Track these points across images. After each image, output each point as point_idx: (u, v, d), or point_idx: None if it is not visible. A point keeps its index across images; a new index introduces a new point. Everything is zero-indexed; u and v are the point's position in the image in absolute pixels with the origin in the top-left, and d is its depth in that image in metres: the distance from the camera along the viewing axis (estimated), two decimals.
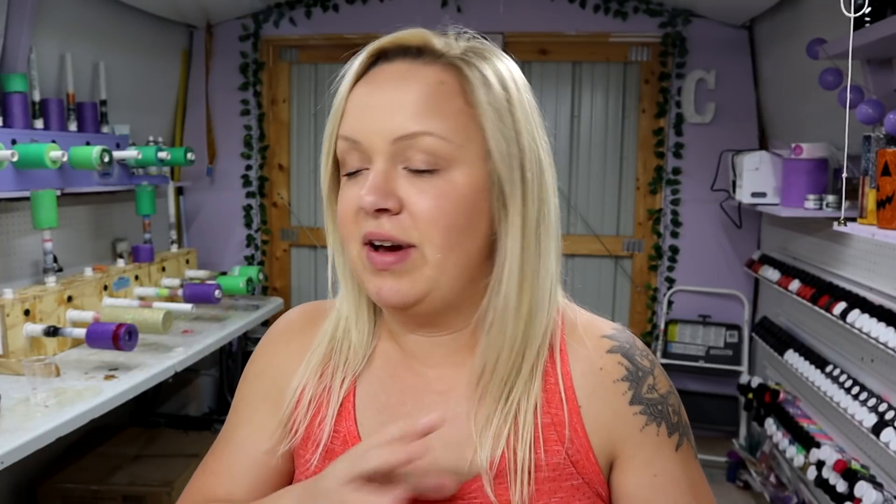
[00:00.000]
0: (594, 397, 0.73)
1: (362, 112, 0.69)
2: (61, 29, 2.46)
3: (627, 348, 0.75)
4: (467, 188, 0.68)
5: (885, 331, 1.84)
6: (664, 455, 0.74)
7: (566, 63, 3.27)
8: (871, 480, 1.89)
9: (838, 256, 2.31)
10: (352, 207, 0.69)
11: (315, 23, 3.32)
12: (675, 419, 0.75)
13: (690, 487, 0.74)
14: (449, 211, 0.67)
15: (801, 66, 2.39)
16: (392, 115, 0.67)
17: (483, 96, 0.69)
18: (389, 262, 0.68)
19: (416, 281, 0.68)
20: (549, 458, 0.71)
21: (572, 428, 0.72)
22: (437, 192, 0.67)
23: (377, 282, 0.69)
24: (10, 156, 1.93)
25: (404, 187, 0.67)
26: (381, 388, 0.77)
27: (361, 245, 0.69)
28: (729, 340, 3.13)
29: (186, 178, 3.42)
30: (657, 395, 0.74)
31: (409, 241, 0.67)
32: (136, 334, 1.98)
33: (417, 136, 0.67)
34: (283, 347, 0.83)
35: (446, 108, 0.68)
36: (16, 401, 1.72)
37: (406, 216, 0.67)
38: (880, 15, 1.61)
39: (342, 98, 0.71)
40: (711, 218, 3.21)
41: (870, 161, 1.71)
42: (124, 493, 2.29)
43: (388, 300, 0.69)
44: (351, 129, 0.70)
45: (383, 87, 0.69)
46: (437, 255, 0.67)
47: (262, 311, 2.87)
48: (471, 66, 0.70)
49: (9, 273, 2.27)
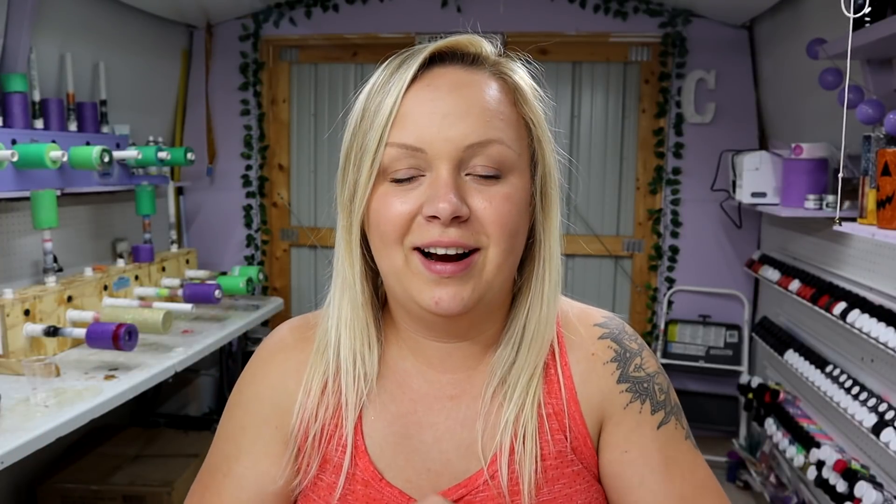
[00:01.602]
0: (588, 382, 0.75)
1: (427, 118, 0.67)
2: (61, 29, 2.45)
3: (617, 333, 0.78)
4: (523, 193, 0.70)
5: (885, 331, 1.84)
6: (641, 432, 0.74)
7: (566, 63, 3.27)
8: (871, 480, 1.89)
9: (838, 256, 2.31)
10: (405, 213, 0.67)
11: (315, 23, 3.32)
12: (662, 398, 0.76)
13: (664, 465, 0.73)
14: (513, 214, 0.68)
15: (801, 66, 2.39)
16: (463, 121, 0.67)
17: (532, 108, 0.72)
18: (454, 271, 0.67)
19: (476, 285, 0.68)
20: (553, 446, 0.73)
21: (571, 415, 0.74)
22: (502, 197, 0.68)
23: (437, 291, 0.67)
24: (10, 156, 1.93)
25: (471, 195, 0.67)
26: (389, 398, 0.76)
27: (410, 252, 0.68)
28: (729, 340, 3.13)
29: (186, 178, 3.42)
30: (644, 373, 0.76)
31: (477, 245, 0.68)
32: (136, 334, 1.98)
33: (489, 144, 0.67)
34: (279, 366, 0.79)
35: (509, 118, 0.70)
36: (16, 401, 1.72)
37: (474, 222, 0.67)
38: (880, 15, 1.61)
39: (393, 102, 0.67)
40: (711, 218, 3.21)
41: (870, 161, 1.71)
42: (124, 493, 2.29)
43: (450, 309, 0.68)
44: (413, 138, 0.67)
45: (447, 92, 0.68)
46: (500, 257, 0.68)
47: (262, 311, 2.87)
48: (517, 76, 0.72)
49: (9, 273, 2.27)
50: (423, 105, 0.67)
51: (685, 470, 0.74)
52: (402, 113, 0.67)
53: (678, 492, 0.73)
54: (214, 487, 0.78)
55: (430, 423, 0.75)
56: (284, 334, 0.82)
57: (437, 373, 0.76)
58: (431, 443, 0.74)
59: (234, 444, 0.78)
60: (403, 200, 0.67)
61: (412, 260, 0.68)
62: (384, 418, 0.75)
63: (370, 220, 0.70)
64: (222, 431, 0.80)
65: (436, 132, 0.66)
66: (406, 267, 0.68)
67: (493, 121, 0.68)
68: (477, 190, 0.67)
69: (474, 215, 0.67)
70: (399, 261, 0.68)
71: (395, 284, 0.71)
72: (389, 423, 0.75)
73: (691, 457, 0.75)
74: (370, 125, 0.68)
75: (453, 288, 0.67)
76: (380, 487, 0.73)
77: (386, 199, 0.68)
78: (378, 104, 0.68)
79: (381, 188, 0.69)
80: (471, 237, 0.67)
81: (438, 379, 0.76)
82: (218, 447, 0.80)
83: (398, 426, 0.75)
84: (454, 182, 0.66)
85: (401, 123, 0.67)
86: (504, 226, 0.67)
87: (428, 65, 0.69)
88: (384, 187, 0.69)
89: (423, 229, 0.67)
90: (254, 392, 0.79)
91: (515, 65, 0.73)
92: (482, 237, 0.67)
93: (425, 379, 0.76)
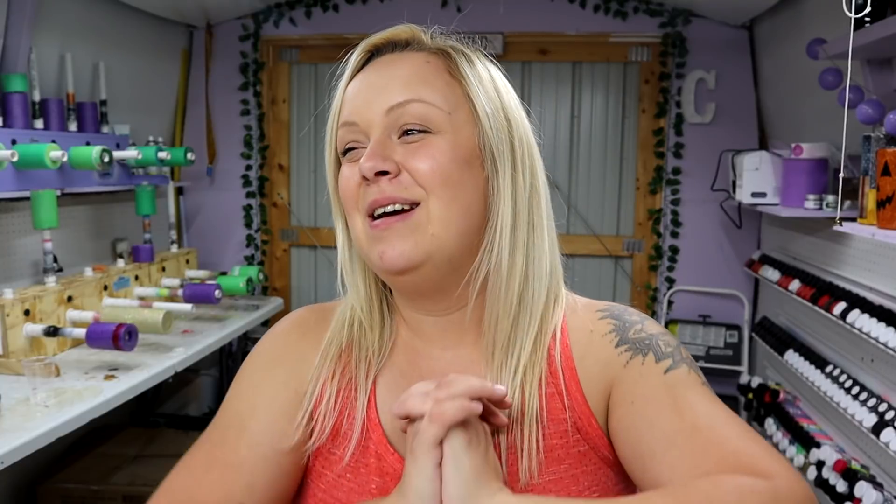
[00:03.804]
0: (587, 358, 0.75)
1: (357, 97, 0.75)
2: (61, 29, 2.45)
3: (618, 312, 0.79)
4: (459, 148, 0.72)
5: (885, 331, 1.84)
6: (645, 381, 0.70)
7: (566, 63, 3.27)
8: (871, 480, 1.89)
9: (838, 256, 2.31)
10: (353, 181, 0.73)
11: (315, 23, 3.32)
12: (668, 350, 0.72)
13: (673, 406, 0.67)
14: (444, 164, 0.71)
15: (801, 66, 2.39)
16: (383, 91, 0.73)
17: (467, 69, 0.75)
18: (389, 222, 0.70)
19: (420, 241, 0.70)
20: (555, 426, 0.73)
21: (572, 395, 0.73)
22: (430, 150, 0.71)
23: (381, 247, 0.71)
24: (10, 156, 1.93)
25: (400, 153, 0.71)
26: (401, 375, 0.78)
27: (365, 217, 0.72)
28: (729, 340, 3.13)
29: (186, 178, 3.42)
30: (644, 334, 0.75)
31: (413, 198, 0.70)
32: (136, 334, 1.98)
33: (407, 104, 0.72)
34: (299, 338, 0.82)
35: (433, 82, 0.74)
36: (16, 401, 1.72)
37: (405, 176, 0.71)
38: (880, 15, 1.61)
39: (339, 92, 0.77)
40: (711, 218, 3.21)
41: (870, 161, 1.71)
42: (124, 493, 2.29)
43: (393, 262, 0.70)
44: (348, 114, 0.75)
45: (375, 72, 0.76)
46: (441, 208, 0.70)
47: (262, 311, 2.87)
48: (456, 51, 0.77)
49: (9, 273, 2.27)
50: (357, 87, 0.76)
51: (696, 403, 0.67)
52: (345, 99, 0.76)
53: (689, 423, 0.65)
54: (228, 444, 0.76)
55: None
56: (303, 313, 0.86)
57: (438, 350, 0.79)
58: None
59: (249, 403, 0.78)
60: (350, 170, 0.74)
61: (366, 227, 0.72)
62: (396, 393, 0.75)
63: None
64: (233, 394, 0.80)
65: (364, 105, 0.73)
66: (364, 235, 0.73)
67: (412, 84, 0.73)
68: (404, 147, 0.72)
69: (406, 169, 0.71)
70: (360, 230, 0.74)
71: (363, 255, 0.76)
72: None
73: (708, 397, 0.69)
74: (329, 116, 0.78)
75: (394, 240, 0.70)
76: (392, 461, 0.74)
77: (342, 173, 0.75)
78: (333, 98, 0.78)
79: (343, 165, 0.76)
80: (405, 191, 0.70)
81: (442, 356, 0.78)
82: (228, 408, 0.79)
83: None
84: (379, 143, 0.71)
85: (344, 107, 0.76)
86: (433, 173, 0.70)
87: (371, 58, 0.78)
88: (343, 164, 0.76)
89: (365, 193, 0.72)
90: (272, 357, 0.82)
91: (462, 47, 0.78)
92: (417, 189, 0.70)
93: (431, 357, 0.79)
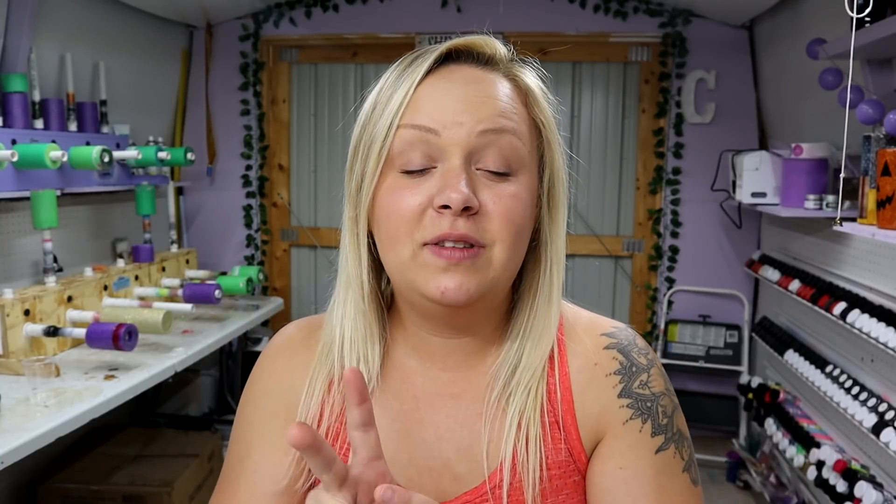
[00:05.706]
0: (587, 392, 0.73)
1: (439, 103, 0.66)
2: (61, 29, 2.45)
3: (625, 345, 0.75)
4: (530, 193, 0.70)
5: (885, 331, 1.84)
6: (638, 452, 0.71)
7: (566, 63, 3.27)
8: (871, 480, 1.89)
9: (838, 256, 2.31)
10: (412, 208, 0.66)
11: (315, 23, 3.32)
12: (665, 421, 0.72)
13: (657, 493, 0.69)
14: (519, 213, 0.68)
15: (801, 66, 2.39)
16: (479, 108, 0.66)
17: (548, 110, 0.72)
18: (462, 257, 0.65)
19: (482, 280, 0.67)
20: (556, 455, 0.72)
21: (568, 427, 0.72)
22: (510, 195, 0.67)
23: (443, 280, 0.66)
24: (10, 156, 1.93)
25: (484, 192, 0.66)
26: (393, 396, 0.76)
27: (420, 246, 0.66)
28: (729, 340, 3.13)
29: (186, 178, 3.42)
30: (649, 391, 0.73)
31: (483, 241, 0.66)
32: (136, 334, 1.98)
33: (502, 132, 0.67)
34: (286, 362, 0.79)
35: (521, 114, 0.70)
36: (16, 401, 1.72)
37: (482, 217, 0.66)
38: (880, 15, 1.61)
39: (407, 90, 0.67)
40: (711, 218, 3.21)
41: (870, 161, 1.71)
42: (124, 493, 2.29)
43: (455, 298, 0.66)
44: (426, 119, 0.66)
45: (462, 84, 0.68)
46: (505, 256, 0.67)
47: (262, 311, 2.87)
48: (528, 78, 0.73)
49: (9, 273, 2.27)
50: (437, 92, 0.67)
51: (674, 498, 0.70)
52: (415, 99, 0.67)
53: None
54: (230, 490, 0.77)
55: (432, 422, 0.74)
56: (292, 332, 0.82)
57: (438, 370, 0.76)
58: (432, 441, 0.74)
59: (245, 443, 0.78)
60: (414, 193, 0.66)
61: (420, 255, 0.66)
62: (388, 415, 0.75)
63: (378, 213, 0.69)
64: (234, 436, 0.80)
65: (450, 115, 0.66)
66: (412, 261, 0.67)
67: (507, 112, 0.68)
68: (487, 185, 0.66)
69: (483, 210, 0.66)
70: (406, 255, 0.67)
71: (400, 278, 0.70)
72: (393, 419, 0.75)
73: (686, 493, 0.71)
74: (381, 114, 0.68)
75: (460, 277, 0.66)
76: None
77: (395, 192, 0.67)
78: (390, 96, 0.68)
79: (390, 180, 0.68)
80: (478, 232, 0.65)
81: (440, 376, 0.76)
82: (231, 452, 0.80)
83: (401, 423, 0.75)
84: (466, 172, 0.65)
85: (414, 107, 0.67)
86: (510, 224, 0.67)
87: (442, 62, 0.70)
88: (393, 179, 0.67)
89: (433, 222, 0.65)
90: (262, 388, 0.79)
91: (526, 68, 0.74)
92: (488, 235, 0.66)
93: (428, 376, 0.76)
